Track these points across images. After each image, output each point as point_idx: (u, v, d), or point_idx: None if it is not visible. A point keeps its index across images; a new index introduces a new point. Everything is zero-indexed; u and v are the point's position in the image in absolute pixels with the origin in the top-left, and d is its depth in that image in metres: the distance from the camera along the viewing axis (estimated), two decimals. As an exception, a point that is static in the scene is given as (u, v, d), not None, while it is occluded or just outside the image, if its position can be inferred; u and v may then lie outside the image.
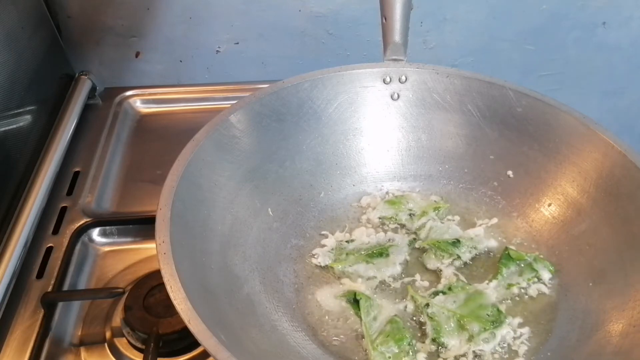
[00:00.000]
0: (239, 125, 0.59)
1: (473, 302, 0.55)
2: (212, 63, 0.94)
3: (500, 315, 0.54)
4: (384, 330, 0.53)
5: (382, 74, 0.65)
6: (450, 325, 0.53)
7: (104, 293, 0.61)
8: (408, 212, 0.65)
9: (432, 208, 0.64)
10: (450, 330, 0.53)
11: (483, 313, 0.54)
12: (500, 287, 0.57)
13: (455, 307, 0.54)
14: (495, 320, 0.53)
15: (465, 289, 0.56)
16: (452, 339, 0.52)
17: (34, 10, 0.80)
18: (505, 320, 0.53)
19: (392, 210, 0.64)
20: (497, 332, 0.52)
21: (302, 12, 0.89)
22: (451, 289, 0.56)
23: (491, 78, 0.64)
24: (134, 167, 0.80)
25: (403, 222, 0.64)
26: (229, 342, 0.41)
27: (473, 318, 0.53)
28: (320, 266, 0.59)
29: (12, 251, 0.62)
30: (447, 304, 0.54)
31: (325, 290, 0.57)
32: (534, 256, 0.59)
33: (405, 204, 0.65)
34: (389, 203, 0.65)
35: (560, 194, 0.61)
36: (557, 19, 0.93)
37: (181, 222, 0.48)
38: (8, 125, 0.69)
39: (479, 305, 0.54)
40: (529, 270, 0.58)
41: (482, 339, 0.52)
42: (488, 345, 0.52)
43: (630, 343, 0.48)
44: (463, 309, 0.54)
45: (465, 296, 0.55)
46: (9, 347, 0.56)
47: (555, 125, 0.61)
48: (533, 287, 0.57)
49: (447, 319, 0.53)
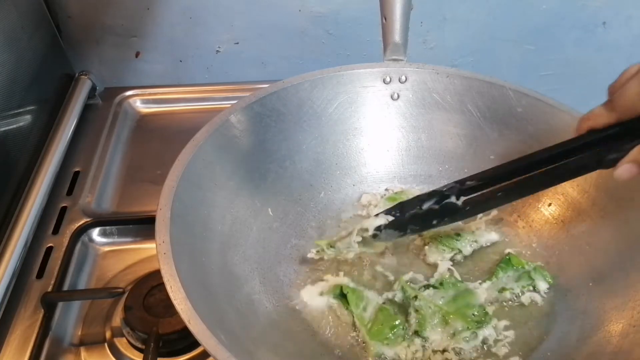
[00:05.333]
0: (239, 125, 0.59)
1: (461, 300, 0.55)
2: (212, 63, 0.94)
3: (486, 316, 0.53)
4: (376, 319, 0.53)
5: (382, 74, 0.65)
6: (435, 320, 0.53)
7: (104, 293, 0.61)
8: None
9: None
10: (433, 325, 0.53)
11: (469, 312, 0.54)
12: (492, 289, 0.57)
13: (442, 302, 0.54)
14: (479, 321, 0.53)
15: (456, 286, 0.56)
16: (435, 334, 0.52)
17: (34, 10, 0.80)
18: (490, 322, 0.53)
19: None
20: (479, 332, 0.52)
21: (302, 12, 0.89)
22: (442, 284, 0.56)
23: (491, 78, 0.64)
24: (134, 167, 0.80)
25: None
26: (229, 342, 0.41)
27: (458, 316, 0.53)
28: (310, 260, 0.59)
29: (12, 251, 0.62)
30: (435, 299, 0.54)
31: (308, 289, 0.57)
32: (534, 266, 0.58)
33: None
34: (390, 200, 0.65)
35: (560, 194, 0.61)
36: (557, 19, 0.93)
37: (181, 222, 0.48)
38: (8, 125, 0.69)
39: (467, 304, 0.54)
40: (526, 279, 0.57)
41: (463, 337, 0.52)
42: (468, 345, 0.52)
43: (630, 343, 0.48)
44: (450, 306, 0.54)
45: (454, 293, 0.55)
46: (9, 347, 0.56)
47: (555, 125, 0.61)
48: (527, 294, 0.57)
49: (433, 314, 0.53)
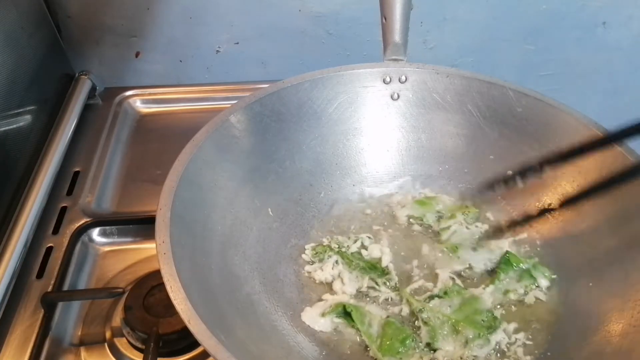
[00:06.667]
0: (239, 125, 0.59)
1: (468, 307, 0.54)
2: (212, 63, 0.94)
3: (495, 320, 0.53)
4: (384, 334, 0.52)
5: (382, 74, 0.65)
6: (445, 330, 0.53)
7: (104, 293, 0.61)
8: (436, 213, 0.64)
9: (460, 211, 0.64)
10: (444, 335, 0.52)
11: (478, 318, 0.53)
12: (497, 292, 0.57)
13: (450, 311, 0.54)
14: (490, 326, 0.53)
15: (460, 294, 0.55)
16: (447, 344, 0.52)
17: (34, 10, 0.80)
18: (500, 326, 0.53)
19: (421, 211, 0.64)
20: (491, 337, 0.52)
21: (302, 12, 0.89)
22: (447, 293, 0.55)
23: (491, 78, 0.64)
24: (134, 167, 0.80)
25: (430, 223, 0.63)
26: (229, 342, 0.41)
27: (468, 323, 0.53)
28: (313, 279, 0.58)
29: (12, 251, 0.62)
30: (442, 309, 0.54)
31: (308, 311, 0.55)
32: (533, 262, 0.58)
33: (435, 205, 0.64)
34: (418, 203, 0.65)
35: (560, 194, 0.61)
36: (557, 19, 0.93)
37: (181, 222, 0.48)
38: (8, 125, 0.69)
39: (474, 310, 0.54)
40: (527, 277, 0.57)
41: (476, 344, 0.51)
42: (482, 351, 0.51)
43: (630, 343, 0.48)
44: (458, 314, 0.54)
45: (460, 301, 0.55)
46: (9, 347, 0.56)
47: (555, 125, 0.61)
48: (530, 294, 0.57)
49: (442, 324, 0.53)
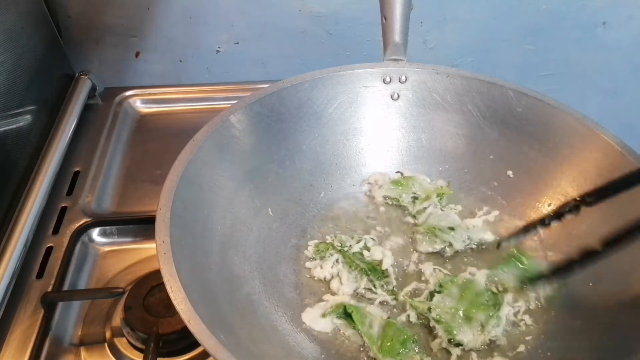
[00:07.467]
0: (239, 125, 0.59)
1: (468, 292, 0.55)
2: (212, 63, 0.94)
3: (497, 296, 0.54)
4: (385, 335, 0.52)
5: (382, 74, 0.65)
6: (458, 321, 0.53)
7: (104, 293, 0.61)
8: (412, 194, 0.65)
9: (435, 193, 0.65)
10: (460, 325, 0.53)
11: (482, 300, 0.54)
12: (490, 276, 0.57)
13: (454, 302, 0.54)
14: (495, 304, 0.54)
15: (454, 282, 0.56)
16: (466, 335, 0.52)
17: (34, 10, 0.80)
18: (504, 300, 0.54)
19: (397, 191, 0.65)
20: (500, 314, 0.53)
21: (302, 12, 0.89)
22: (442, 286, 0.56)
23: (491, 78, 0.64)
24: (134, 167, 0.80)
25: (405, 204, 0.65)
26: (229, 342, 0.41)
27: (475, 307, 0.53)
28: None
29: (12, 251, 0.62)
30: (445, 302, 0.54)
31: (308, 312, 0.55)
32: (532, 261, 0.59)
33: (411, 187, 0.65)
34: (395, 184, 0.65)
35: (560, 194, 0.61)
36: (557, 19, 0.93)
37: (181, 222, 0.48)
38: (8, 125, 0.69)
39: (475, 293, 0.55)
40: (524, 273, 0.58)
41: (491, 325, 0.52)
42: (498, 330, 0.52)
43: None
44: (463, 302, 0.54)
45: (457, 289, 0.55)
46: (9, 347, 0.56)
47: (555, 125, 0.61)
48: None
49: (453, 317, 0.53)
